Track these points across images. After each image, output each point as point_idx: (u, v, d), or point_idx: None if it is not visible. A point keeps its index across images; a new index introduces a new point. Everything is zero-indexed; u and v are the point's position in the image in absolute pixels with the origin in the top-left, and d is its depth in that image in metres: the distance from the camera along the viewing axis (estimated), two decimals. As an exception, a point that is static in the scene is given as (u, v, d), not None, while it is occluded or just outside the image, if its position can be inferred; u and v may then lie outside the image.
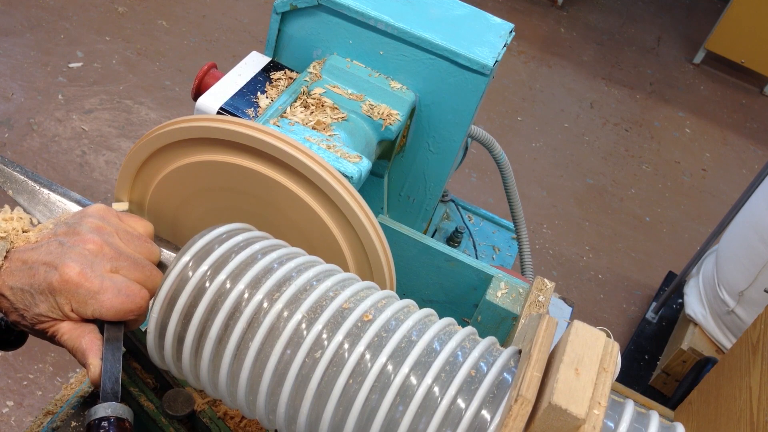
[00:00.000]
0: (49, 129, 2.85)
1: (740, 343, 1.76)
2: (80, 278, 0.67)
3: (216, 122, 0.81)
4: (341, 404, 0.64)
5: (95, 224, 0.71)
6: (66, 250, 0.68)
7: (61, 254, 0.67)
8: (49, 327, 0.69)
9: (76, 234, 0.70)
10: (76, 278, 0.66)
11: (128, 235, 0.74)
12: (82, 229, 0.70)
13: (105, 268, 0.69)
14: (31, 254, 0.68)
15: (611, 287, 2.96)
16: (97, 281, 0.67)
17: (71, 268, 0.67)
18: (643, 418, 0.62)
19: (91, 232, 0.70)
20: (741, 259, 2.28)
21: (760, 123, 4.17)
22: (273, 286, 0.68)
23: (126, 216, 0.77)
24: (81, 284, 0.67)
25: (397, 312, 0.69)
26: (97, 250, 0.69)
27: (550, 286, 1.06)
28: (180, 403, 0.86)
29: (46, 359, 2.18)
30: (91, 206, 0.75)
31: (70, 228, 0.71)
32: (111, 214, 0.75)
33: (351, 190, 0.82)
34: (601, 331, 0.63)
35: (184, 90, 3.20)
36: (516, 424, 0.58)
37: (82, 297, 0.67)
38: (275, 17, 1.17)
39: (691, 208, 3.45)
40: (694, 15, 5.03)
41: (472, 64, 1.10)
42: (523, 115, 3.70)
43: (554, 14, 4.58)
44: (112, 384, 0.67)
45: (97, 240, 0.70)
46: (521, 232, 1.60)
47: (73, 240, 0.69)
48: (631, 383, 2.48)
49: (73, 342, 0.68)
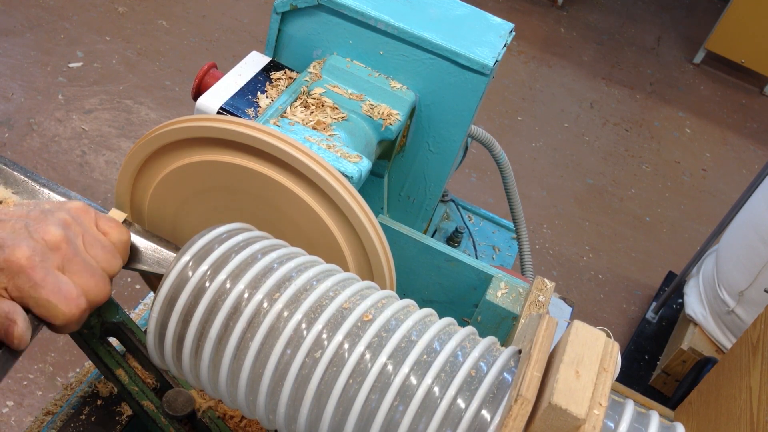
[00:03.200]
0: (49, 129, 2.85)
1: (740, 343, 1.76)
2: (27, 263, 0.65)
3: (216, 122, 0.81)
4: (341, 404, 0.64)
5: (65, 219, 0.71)
6: (25, 234, 0.67)
7: (20, 236, 0.67)
8: None
9: (42, 221, 0.69)
10: (23, 262, 0.65)
11: (94, 240, 0.73)
12: (50, 219, 0.70)
13: (54, 263, 0.67)
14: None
15: (611, 287, 2.96)
16: (41, 273, 0.66)
17: (21, 251, 0.65)
18: (643, 418, 0.62)
19: (56, 226, 0.69)
20: (741, 259, 2.28)
21: (760, 123, 4.17)
22: (273, 286, 0.68)
23: (103, 220, 0.76)
24: (24, 269, 0.65)
25: (397, 312, 0.69)
26: (55, 243, 0.68)
27: (550, 286, 1.06)
28: (180, 403, 0.86)
29: (46, 359, 2.18)
30: (72, 201, 0.75)
31: (42, 214, 0.70)
32: (86, 215, 0.74)
33: (351, 190, 0.82)
34: (601, 331, 0.63)
35: (184, 90, 3.20)
36: (516, 424, 0.58)
37: (21, 282, 0.66)
38: (275, 17, 1.17)
39: (691, 208, 3.45)
40: (694, 15, 5.03)
41: (472, 64, 1.10)
42: (523, 115, 3.70)
43: (554, 14, 4.58)
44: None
45: (58, 235, 0.69)
46: (521, 232, 1.60)
47: (37, 226, 0.68)
48: (631, 383, 2.48)
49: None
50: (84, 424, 0.98)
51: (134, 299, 2.38)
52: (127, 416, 0.99)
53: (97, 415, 0.99)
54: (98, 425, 0.99)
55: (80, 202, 0.75)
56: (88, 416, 0.99)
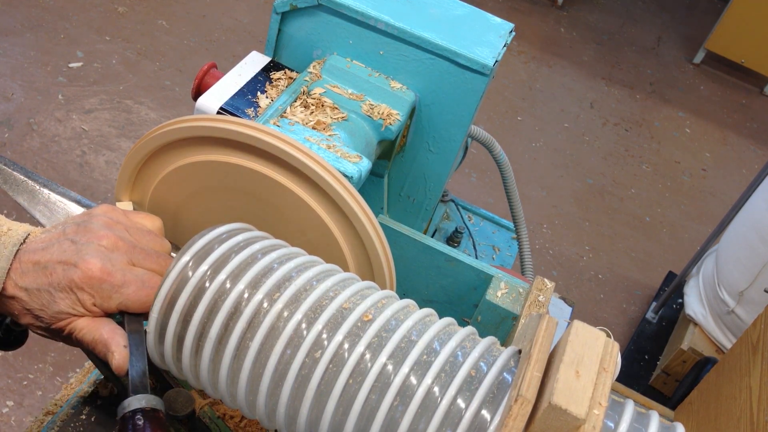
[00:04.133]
0: (49, 129, 2.85)
1: (740, 343, 1.76)
2: (102, 273, 0.67)
3: (216, 122, 0.81)
4: (341, 404, 0.64)
5: (105, 221, 0.72)
6: (81, 248, 0.68)
7: (78, 251, 0.68)
8: (67, 324, 0.69)
9: (88, 231, 0.70)
10: (98, 273, 0.67)
11: (138, 230, 0.74)
12: (93, 226, 0.70)
13: (123, 261, 0.69)
14: (43, 254, 0.68)
15: (611, 287, 2.96)
16: (119, 275, 0.68)
17: (92, 263, 0.67)
18: (643, 418, 0.62)
19: (103, 228, 0.70)
20: (741, 259, 2.28)
21: (760, 123, 4.17)
22: (273, 286, 0.68)
23: (132, 213, 0.78)
24: (104, 279, 0.67)
25: (397, 312, 0.69)
26: (112, 245, 0.69)
27: (550, 286, 1.06)
28: (180, 403, 0.86)
29: (46, 359, 2.18)
30: (97, 207, 0.76)
31: (80, 227, 0.71)
32: (118, 212, 0.75)
33: (351, 190, 0.82)
34: (601, 331, 0.63)
35: (184, 90, 3.20)
36: (516, 424, 0.58)
37: (107, 292, 0.68)
38: (275, 17, 1.17)
39: (691, 208, 3.45)
40: (694, 15, 5.03)
41: (472, 64, 1.10)
42: (523, 115, 3.70)
43: (554, 14, 4.58)
44: (140, 376, 0.67)
45: (110, 235, 0.70)
46: (521, 232, 1.60)
47: (87, 237, 0.69)
48: (631, 383, 2.48)
49: (93, 334, 0.68)
50: (84, 424, 0.98)
51: (134, 299, 2.37)
52: (127, 416, 0.99)
53: (97, 415, 0.99)
54: (98, 425, 0.99)
55: (104, 204, 0.76)
56: (88, 416, 0.99)
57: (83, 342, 0.69)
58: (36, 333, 0.72)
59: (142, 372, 0.68)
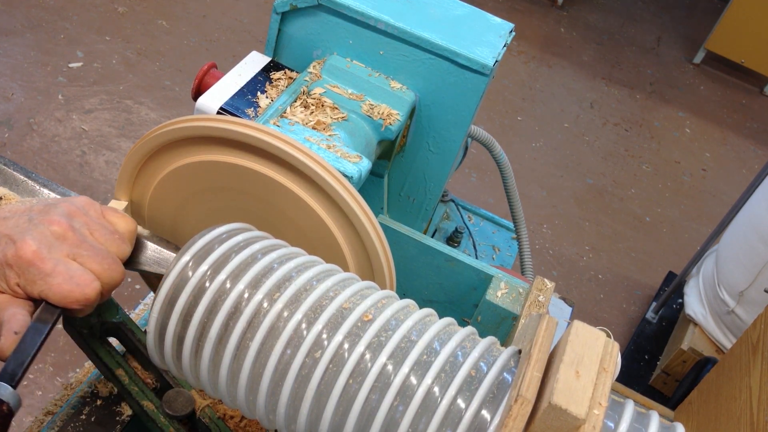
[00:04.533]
0: (49, 129, 2.85)
1: (740, 343, 1.76)
2: (34, 257, 0.66)
3: (216, 122, 0.81)
4: (341, 404, 0.64)
5: (69, 209, 0.71)
6: (30, 227, 0.68)
7: (24, 230, 0.67)
8: None
9: (47, 214, 0.70)
10: (29, 256, 0.66)
11: (100, 227, 0.73)
12: (55, 210, 0.70)
13: (62, 252, 0.68)
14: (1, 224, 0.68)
15: (611, 287, 2.96)
16: (50, 263, 0.67)
17: (28, 245, 0.66)
18: (643, 418, 0.62)
19: (61, 215, 0.70)
20: (741, 259, 2.28)
21: (760, 123, 4.17)
22: (273, 286, 0.68)
23: (109, 212, 0.77)
24: (33, 263, 0.66)
25: (397, 312, 0.69)
26: (61, 233, 0.69)
27: (550, 286, 1.06)
28: (180, 403, 0.86)
29: (46, 359, 2.17)
30: (77, 197, 0.76)
31: (45, 208, 0.71)
32: (92, 207, 0.74)
33: (351, 190, 0.82)
34: (601, 331, 0.63)
35: (184, 90, 3.20)
36: (516, 424, 0.58)
37: (32, 276, 0.67)
38: (275, 17, 1.17)
39: (691, 208, 3.45)
40: (694, 15, 5.03)
41: (472, 64, 1.10)
42: (523, 115, 3.70)
43: (554, 14, 4.58)
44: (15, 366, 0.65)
45: (64, 223, 0.69)
46: (521, 232, 1.60)
47: (41, 218, 0.69)
48: (631, 383, 2.48)
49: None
50: (84, 424, 0.98)
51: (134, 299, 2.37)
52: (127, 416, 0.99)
53: (97, 415, 0.99)
54: (98, 425, 0.99)
55: (85, 197, 0.76)
56: (88, 416, 0.99)
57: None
58: None
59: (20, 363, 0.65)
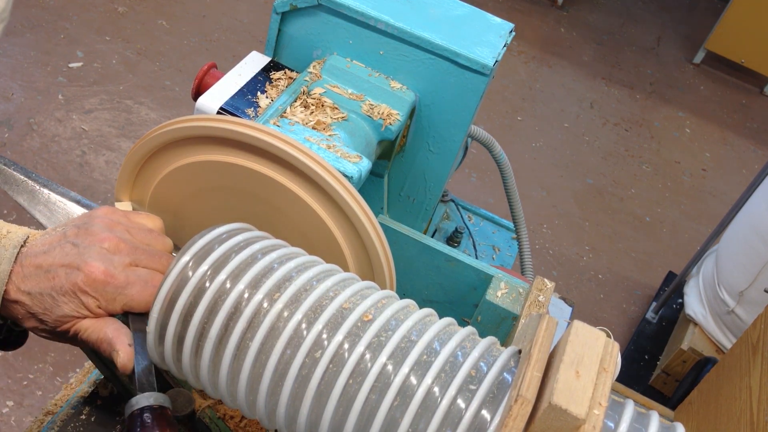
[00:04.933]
0: (49, 129, 2.85)
1: (740, 343, 1.76)
2: (105, 276, 0.67)
3: (216, 122, 0.81)
4: (341, 404, 0.64)
5: (106, 223, 0.72)
6: (83, 251, 0.68)
7: (80, 254, 0.68)
8: (72, 326, 0.69)
9: (89, 234, 0.70)
10: (101, 276, 0.67)
11: (139, 230, 0.75)
12: (94, 228, 0.71)
13: (125, 262, 0.70)
14: (45, 258, 0.68)
15: (611, 287, 2.96)
16: (122, 276, 0.68)
17: (95, 266, 0.67)
18: (643, 418, 0.62)
19: (104, 230, 0.71)
20: (741, 259, 2.28)
21: (760, 123, 4.17)
22: (273, 286, 0.68)
23: (133, 214, 0.78)
24: (107, 281, 0.68)
25: (397, 312, 0.69)
26: (114, 246, 0.70)
27: (550, 286, 1.06)
28: (180, 403, 0.86)
29: (46, 359, 2.18)
30: (97, 209, 0.76)
31: (81, 229, 0.71)
32: (118, 214, 0.75)
33: (351, 190, 0.82)
34: (601, 331, 0.63)
35: (184, 90, 3.20)
36: (516, 424, 0.58)
37: (110, 294, 0.68)
38: (275, 17, 1.17)
39: (691, 208, 3.45)
40: (694, 15, 5.03)
41: (472, 64, 1.10)
42: (523, 115, 3.70)
43: (554, 14, 4.58)
44: (147, 374, 0.68)
45: (112, 237, 0.70)
46: (521, 232, 1.60)
47: (88, 240, 0.69)
48: (631, 383, 2.48)
49: (98, 334, 0.69)
50: (84, 424, 0.98)
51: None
52: (127, 416, 0.99)
53: (97, 415, 0.99)
54: (98, 425, 0.99)
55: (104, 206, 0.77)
56: (88, 416, 0.99)
57: (88, 342, 0.70)
58: (39, 336, 0.72)
59: (147, 370, 0.68)
